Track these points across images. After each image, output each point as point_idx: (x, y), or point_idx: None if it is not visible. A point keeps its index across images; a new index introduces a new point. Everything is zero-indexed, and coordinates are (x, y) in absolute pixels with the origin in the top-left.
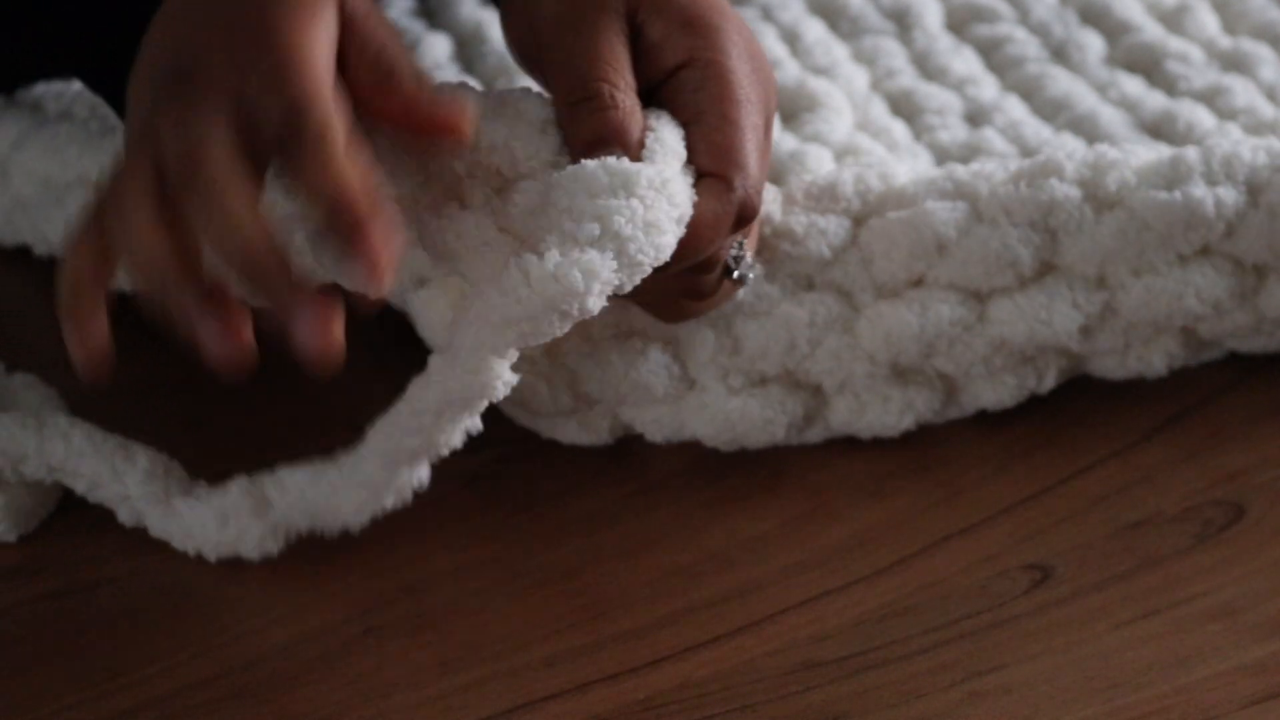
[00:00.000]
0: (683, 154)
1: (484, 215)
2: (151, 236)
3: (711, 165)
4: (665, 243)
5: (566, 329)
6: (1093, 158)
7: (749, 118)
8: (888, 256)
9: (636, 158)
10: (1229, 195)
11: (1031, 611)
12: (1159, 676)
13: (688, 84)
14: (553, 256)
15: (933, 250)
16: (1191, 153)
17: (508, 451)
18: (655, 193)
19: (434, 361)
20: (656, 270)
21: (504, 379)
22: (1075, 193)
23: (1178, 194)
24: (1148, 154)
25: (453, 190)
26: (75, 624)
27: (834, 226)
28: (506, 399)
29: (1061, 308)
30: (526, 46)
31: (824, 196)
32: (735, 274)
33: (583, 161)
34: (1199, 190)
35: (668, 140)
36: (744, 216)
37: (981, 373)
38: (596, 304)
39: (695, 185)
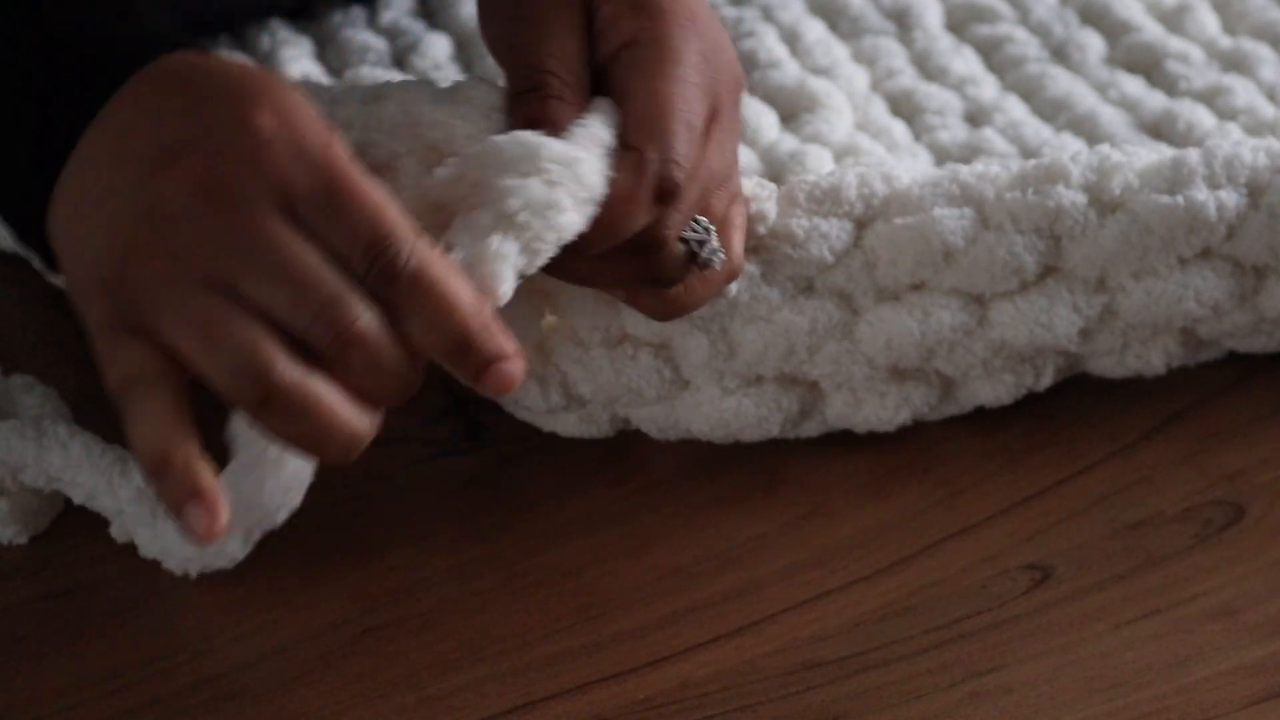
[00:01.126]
0: (609, 141)
1: (413, 192)
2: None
3: (630, 138)
4: (567, 221)
5: None
6: (1097, 160)
7: (681, 96)
8: (893, 263)
9: None
10: (1230, 198)
11: (1031, 611)
12: (1159, 676)
13: (625, 62)
14: (458, 254)
15: (939, 258)
16: (1193, 155)
17: (508, 451)
18: (561, 168)
19: None
20: (578, 249)
21: None
22: (1081, 199)
23: (1180, 198)
24: (1150, 155)
25: (385, 168)
26: (75, 624)
27: (836, 230)
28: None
29: (1062, 311)
30: (492, 41)
31: (827, 199)
32: (700, 258)
33: (493, 136)
34: (1201, 194)
35: (593, 126)
36: (663, 190)
37: (979, 373)
38: (508, 290)
39: (617, 162)
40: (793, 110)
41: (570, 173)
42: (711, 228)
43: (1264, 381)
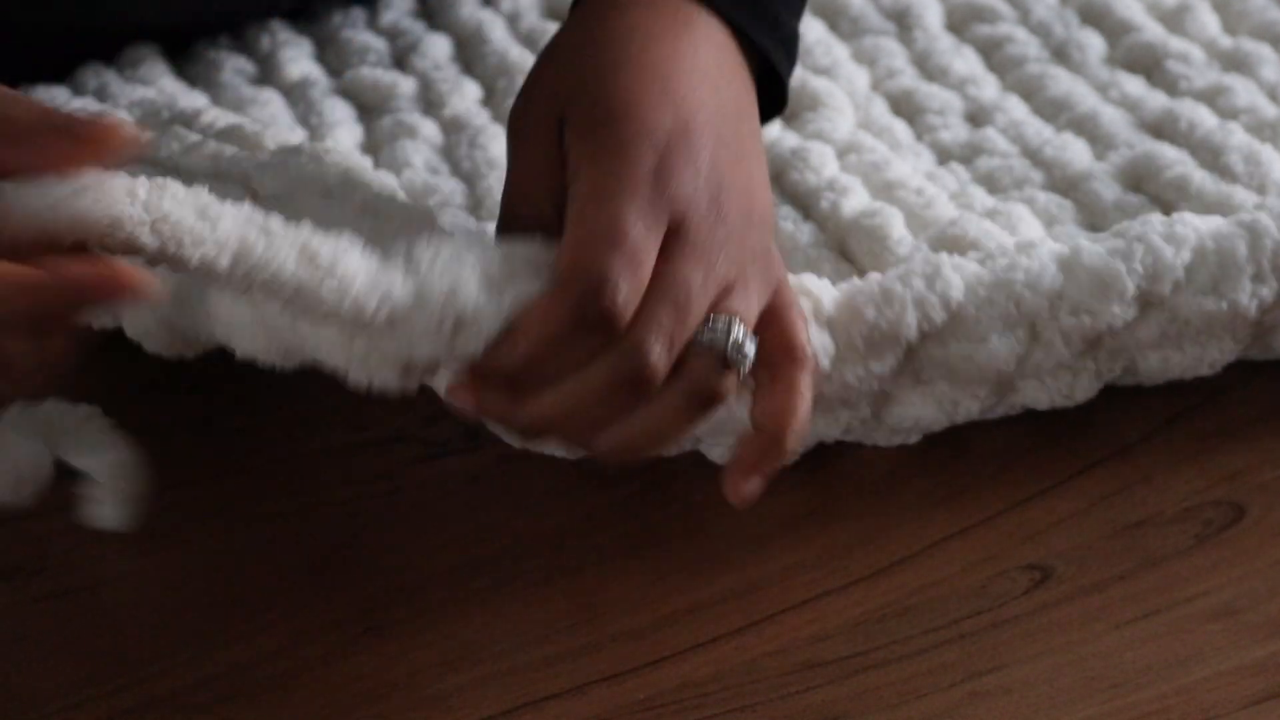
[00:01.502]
0: (532, 257)
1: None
2: None
3: (559, 272)
4: (465, 278)
5: None
6: (1151, 262)
7: (606, 217)
8: (941, 379)
9: None
10: (1270, 292)
11: (1031, 611)
12: (1159, 676)
13: (572, 191)
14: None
15: (991, 379)
16: (1242, 248)
17: (508, 451)
18: (463, 233)
19: None
20: (506, 354)
21: None
22: (1133, 312)
23: (1224, 303)
24: (1199, 229)
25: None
26: (75, 624)
27: (890, 365)
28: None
29: (1085, 381)
30: None
31: (885, 342)
32: (727, 357)
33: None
34: (1244, 296)
35: (521, 242)
36: (590, 316)
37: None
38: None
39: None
40: (794, 110)
41: (474, 238)
42: (731, 320)
43: (1264, 381)
